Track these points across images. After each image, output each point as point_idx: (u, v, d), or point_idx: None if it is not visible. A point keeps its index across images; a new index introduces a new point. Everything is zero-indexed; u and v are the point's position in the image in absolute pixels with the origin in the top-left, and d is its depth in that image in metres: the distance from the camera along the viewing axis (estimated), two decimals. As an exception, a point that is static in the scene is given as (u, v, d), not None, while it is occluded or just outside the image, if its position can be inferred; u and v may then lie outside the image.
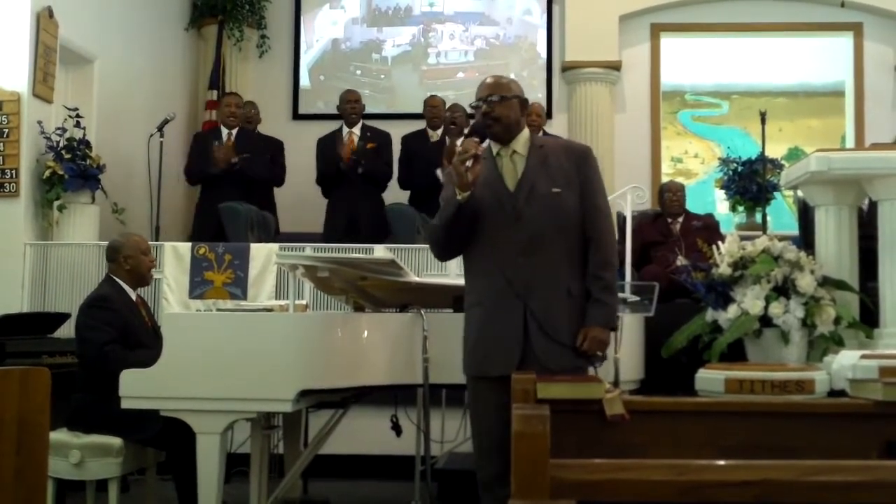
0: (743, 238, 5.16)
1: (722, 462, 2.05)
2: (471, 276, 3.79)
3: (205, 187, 7.95)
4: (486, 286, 3.68)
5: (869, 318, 4.82)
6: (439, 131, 8.10)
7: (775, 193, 8.40)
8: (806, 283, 4.71)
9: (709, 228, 7.24)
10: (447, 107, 8.27)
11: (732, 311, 4.82)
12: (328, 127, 8.25)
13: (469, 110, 7.32)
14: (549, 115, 9.21)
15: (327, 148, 7.96)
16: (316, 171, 8.04)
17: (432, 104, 8.32)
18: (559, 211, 3.66)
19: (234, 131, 7.90)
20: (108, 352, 4.71)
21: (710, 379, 3.03)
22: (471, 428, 3.87)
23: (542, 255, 3.62)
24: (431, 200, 7.70)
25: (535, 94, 9.36)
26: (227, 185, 7.61)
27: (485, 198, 3.62)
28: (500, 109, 3.69)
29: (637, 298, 5.08)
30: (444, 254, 3.92)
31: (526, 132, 3.79)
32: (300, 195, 8.32)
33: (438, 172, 7.74)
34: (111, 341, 4.76)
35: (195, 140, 7.97)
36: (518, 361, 3.55)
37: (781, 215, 9.17)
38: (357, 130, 7.97)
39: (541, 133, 7.77)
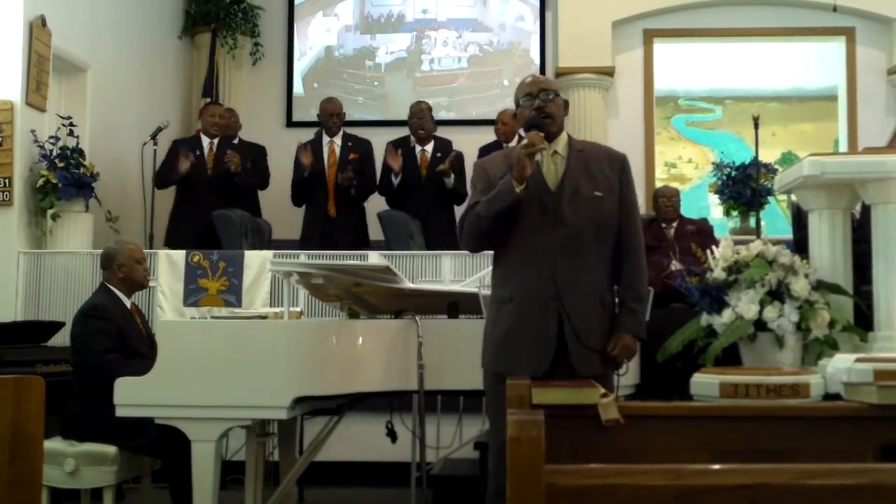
0: (737, 242, 5.16)
1: (717, 466, 2.05)
2: (503, 270, 3.74)
3: (181, 195, 7.89)
4: (521, 283, 3.64)
5: (863, 321, 4.82)
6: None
7: (769, 198, 8.41)
8: (800, 287, 4.72)
9: (703, 233, 7.23)
10: (415, 111, 8.16)
11: (727, 315, 4.82)
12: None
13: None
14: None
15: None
16: (293, 178, 8.02)
17: (413, 111, 8.25)
18: (600, 215, 3.65)
19: (216, 141, 7.87)
20: (108, 360, 4.70)
21: (705, 383, 3.03)
22: (489, 425, 3.85)
23: (580, 259, 3.61)
24: (409, 207, 7.71)
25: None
26: (205, 193, 7.58)
27: (527, 190, 3.56)
28: (552, 107, 3.68)
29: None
30: (480, 245, 3.83)
31: (565, 133, 3.77)
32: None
33: (392, 178, 7.73)
34: (110, 349, 4.76)
35: (174, 147, 7.90)
36: (549, 364, 3.54)
37: (775, 220, 9.19)
38: (338, 140, 7.94)
39: (515, 139, 7.80)
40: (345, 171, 7.70)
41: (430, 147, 7.93)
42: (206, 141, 7.89)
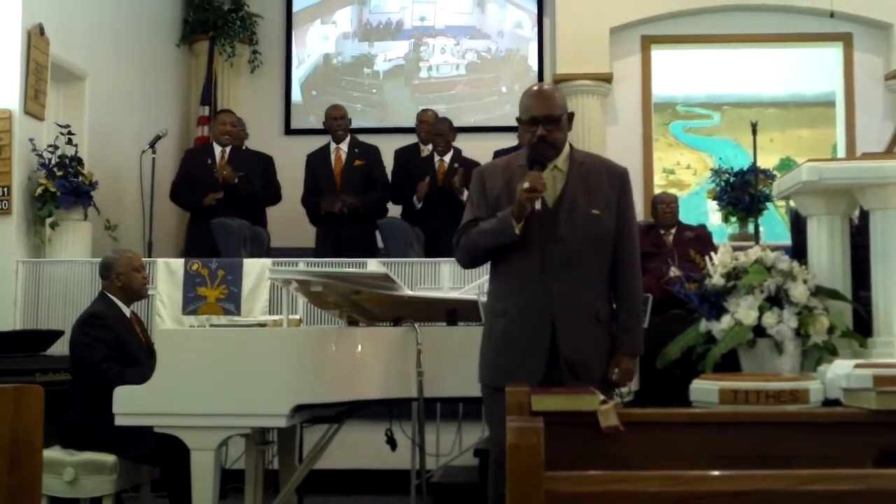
0: (735, 248, 5.14)
1: (717, 472, 2.05)
2: (500, 283, 3.73)
3: (193, 210, 7.90)
4: (516, 298, 3.63)
5: (862, 327, 4.81)
6: (430, 146, 8.09)
7: (767, 204, 8.42)
8: (799, 292, 4.71)
9: (701, 239, 7.24)
10: (428, 119, 8.23)
11: (726, 321, 4.80)
12: (320, 142, 8.25)
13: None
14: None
15: (316, 166, 7.94)
16: (304, 189, 8.03)
17: (424, 119, 8.31)
18: (597, 233, 3.64)
19: (228, 149, 7.87)
20: (105, 369, 4.71)
21: (705, 390, 3.03)
22: (489, 432, 3.86)
23: (576, 275, 3.60)
24: (423, 215, 7.74)
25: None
26: (220, 202, 7.58)
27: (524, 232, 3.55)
28: (555, 134, 3.63)
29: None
30: (474, 266, 3.92)
31: (568, 146, 3.74)
32: (292, 210, 8.31)
33: (415, 200, 7.76)
34: (107, 358, 4.76)
35: (187, 156, 7.93)
36: (542, 378, 3.52)
37: (774, 225, 9.19)
38: (345, 146, 7.94)
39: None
40: (342, 198, 7.68)
41: (448, 157, 7.95)
42: (217, 149, 7.88)
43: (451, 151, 7.99)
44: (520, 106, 3.73)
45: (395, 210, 8.15)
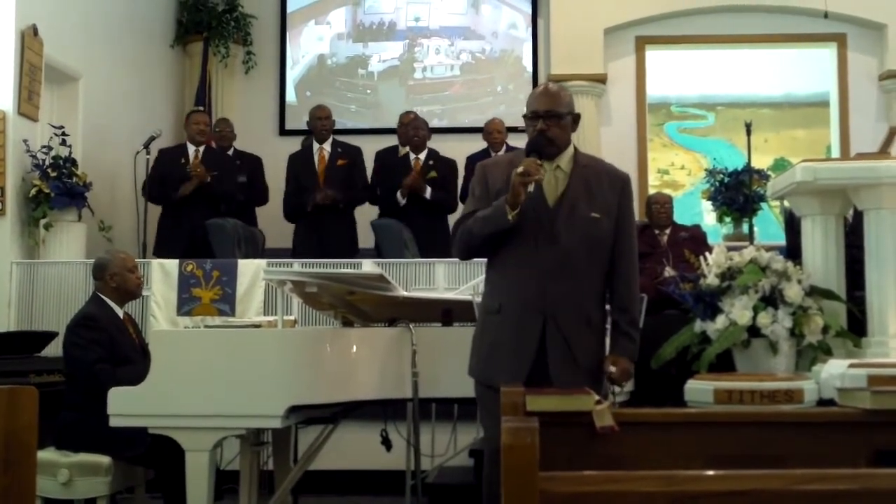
0: (730, 249, 5.15)
1: (712, 472, 2.05)
2: (494, 280, 3.73)
3: (167, 204, 7.81)
4: (509, 296, 3.63)
5: (856, 326, 4.82)
6: (408, 147, 8.07)
7: (762, 204, 8.42)
8: (793, 292, 4.71)
9: (696, 240, 7.24)
10: (408, 121, 8.21)
11: (720, 321, 4.81)
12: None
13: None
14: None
15: (298, 166, 7.94)
16: (286, 187, 7.99)
17: (404, 121, 8.30)
18: (595, 237, 3.63)
19: (202, 149, 7.82)
20: (98, 371, 4.70)
21: (700, 390, 3.03)
22: (484, 432, 3.86)
23: (571, 278, 3.59)
24: (405, 214, 7.72)
25: (521, 108, 9.36)
26: (192, 202, 7.50)
27: (522, 209, 3.55)
28: (554, 130, 3.64)
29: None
30: (470, 257, 3.88)
31: (571, 148, 3.74)
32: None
33: (399, 196, 7.74)
34: (100, 360, 4.75)
35: (160, 156, 7.87)
36: (526, 376, 3.51)
37: (768, 226, 9.20)
38: (328, 146, 7.93)
39: (504, 148, 7.87)
40: (325, 190, 7.66)
41: (423, 155, 7.94)
42: (191, 149, 7.82)
43: (426, 151, 7.97)
44: (527, 101, 3.76)
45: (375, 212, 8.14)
